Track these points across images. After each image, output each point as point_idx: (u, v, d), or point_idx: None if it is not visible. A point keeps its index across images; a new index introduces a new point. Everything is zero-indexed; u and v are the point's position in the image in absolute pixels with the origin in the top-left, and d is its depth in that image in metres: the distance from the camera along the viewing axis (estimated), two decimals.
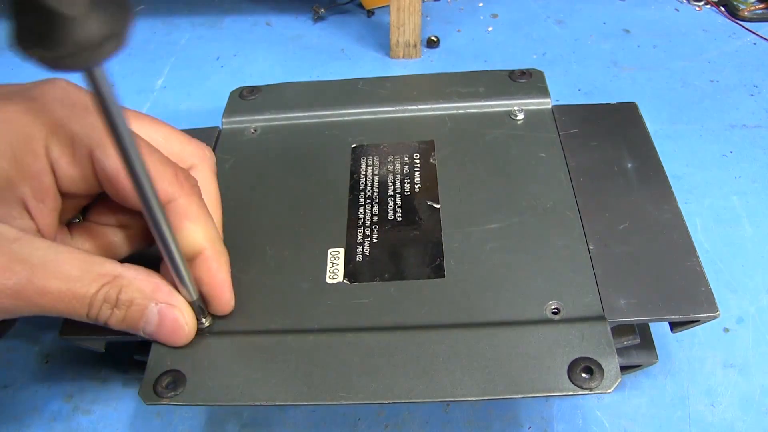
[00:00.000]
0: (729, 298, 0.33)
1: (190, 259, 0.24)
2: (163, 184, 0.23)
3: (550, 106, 0.34)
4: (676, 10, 0.55)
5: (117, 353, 0.31)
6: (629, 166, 0.30)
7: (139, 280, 0.23)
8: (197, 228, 0.24)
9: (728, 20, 0.54)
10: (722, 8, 0.55)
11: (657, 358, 0.27)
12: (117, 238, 0.25)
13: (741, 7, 0.53)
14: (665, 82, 0.48)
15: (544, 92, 0.34)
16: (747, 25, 0.53)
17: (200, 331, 0.25)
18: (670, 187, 0.29)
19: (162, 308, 0.23)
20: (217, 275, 0.24)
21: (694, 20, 0.54)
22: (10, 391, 0.29)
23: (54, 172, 0.22)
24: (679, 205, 0.29)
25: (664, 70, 0.49)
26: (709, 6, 0.55)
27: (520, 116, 0.33)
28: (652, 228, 0.27)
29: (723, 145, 0.42)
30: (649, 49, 0.51)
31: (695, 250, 0.26)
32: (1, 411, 0.29)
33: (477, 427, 0.28)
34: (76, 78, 0.16)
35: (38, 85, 0.23)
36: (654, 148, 0.31)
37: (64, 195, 0.23)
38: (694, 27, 0.53)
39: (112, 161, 0.22)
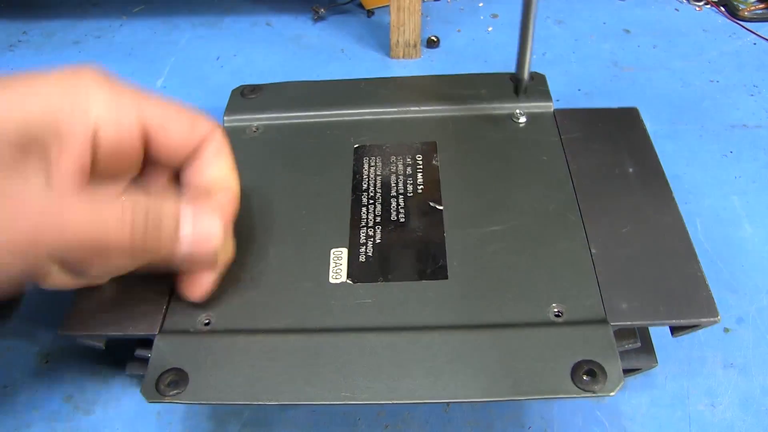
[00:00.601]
0: (729, 298, 0.33)
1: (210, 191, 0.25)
2: (202, 123, 0.25)
3: (552, 110, 0.34)
4: (676, 10, 0.55)
5: (117, 351, 0.31)
6: (630, 170, 0.30)
7: (153, 199, 0.23)
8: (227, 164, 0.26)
9: (728, 20, 0.54)
10: (722, 8, 0.55)
11: (657, 362, 0.27)
12: None
13: (741, 7, 0.53)
14: (665, 82, 0.48)
15: (546, 96, 0.34)
16: (747, 25, 0.53)
17: (202, 330, 0.25)
18: (671, 193, 0.29)
19: (193, 219, 0.23)
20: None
21: (694, 20, 0.54)
22: (10, 391, 0.29)
23: (96, 128, 0.22)
24: (680, 205, 0.29)
25: (664, 70, 0.49)
26: (709, 6, 0.55)
27: (522, 119, 0.33)
28: (654, 233, 0.27)
29: (723, 145, 0.42)
30: (649, 49, 0.51)
31: (696, 255, 0.26)
32: (1, 411, 0.29)
33: (477, 427, 0.28)
34: None
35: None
36: (655, 153, 0.31)
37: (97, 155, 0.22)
38: (694, 27, 0.53)
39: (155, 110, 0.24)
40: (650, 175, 0.30)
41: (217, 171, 0.25)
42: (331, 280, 0.27)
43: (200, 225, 0.23)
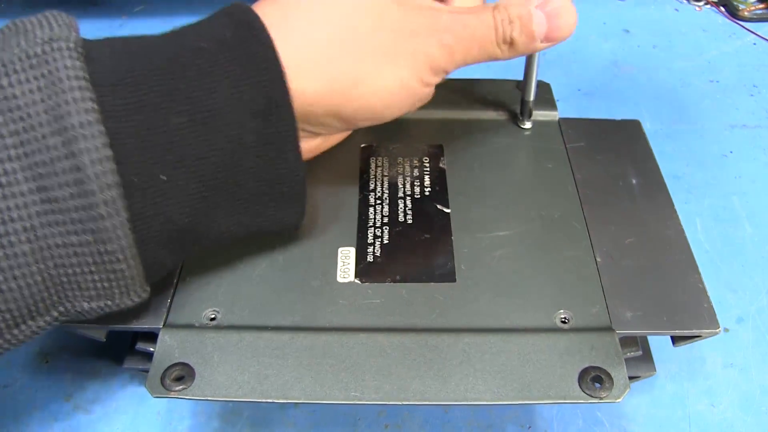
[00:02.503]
0: (729, 298, 0.33)
1: None
2: None
3: (557, 119, 0.34)
4: (676, 10, 0.55)
5: (115, 345, 0.31)
6: (634, 182, 0.31)
7: (512, 9, 0.26)
8: None
9: (728, 20, 0.54)
10: (722, 8, 0.55)
11: (655, 370, 0.28)
12: None
13: (741, 7, 0.53)
14: (665, 82, 0.48)
15: (551, 104, 0.34)
16: (747, 25, 0.53)
17: (208, 325, 0.25)
18: (673, 206, 0.29)
19: (545, 4, 0.27)
20: None
21: (694, 20, 0.54)
22: (10, 391, 0.29)
23: None
24: (680, 205, 0.29)
25: (664, 70, 0.49)
26: (709, 6, 0.55)
27: (528, 126, 0.33)
28: (657, 244, 0.28)
29: (723, 145, 0.42)
30: (649, 49, 0.51)
31: (697, 267, 0.27)
32: (1, 411, 0.29)
33: (477, 427, 0.28)
34: None
35: None
36: (657, 165, 0.32)
37: None
38: (694, 27, 0.53)
39: None
40: (653, 188, 0.30)
41: None
42: (339, 279, 0.27)
43: (555, 22, 0.27)
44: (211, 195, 0.23)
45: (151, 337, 0.25)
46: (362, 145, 0.33)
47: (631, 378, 0.28)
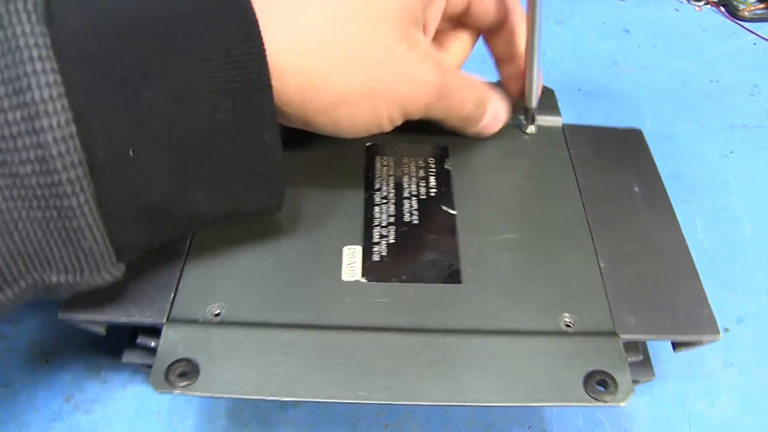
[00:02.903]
0: (729, 298, 0.33)
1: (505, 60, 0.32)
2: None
3: (560, 124, 0.34)
4: (676, 10, 0.55)
5: (117, 347, 0.31)
6: (636, 190, 0.31)
7: (483, 84, 0.30)
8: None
9: (728, 20, 0.54)
10: (722, 8, 0.55)
11: (654, 375, 0.28)
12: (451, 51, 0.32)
13: (741, 7, 0.54)
14: (665, 82, 0.48)
15: (555, 110, 0.35)
16: (747, 25, 0.53)
17: (212, 321, 0.25)
18: (674, 215, 0.30)
19: (495, 103, 0.31)
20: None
21: (694, 20, 0.54)
22: (10, 391, 0.29)
23: None
24: (680, 205, 0.30)
25: (664, 70, 0.49)
26: (709, 6, 0.55)
27: (532, 130, 0.34)
28: (659, 252, 0.28)
29: (723, 145, 0.42)
30: (649, 49, 0.51)
31: (698, 275, 0.27)
32: (1, 411, 0.29)
33: (477, 427, 0.28)
34: None
35: None
36: (659, 174, 0.32)
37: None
38: (694, 27, 0.53)
39: None
40: (655, 197, 0.31)
41: (520, 41, 0.31)
42: (345, 278, 0.26)
43: (495, 112, 0.31)
44: (183, 173, 0.22)
45: (153, 331, 0.25)
46: (367, 144, 0.33)
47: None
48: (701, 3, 0.56)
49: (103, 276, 0.21)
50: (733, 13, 0.54)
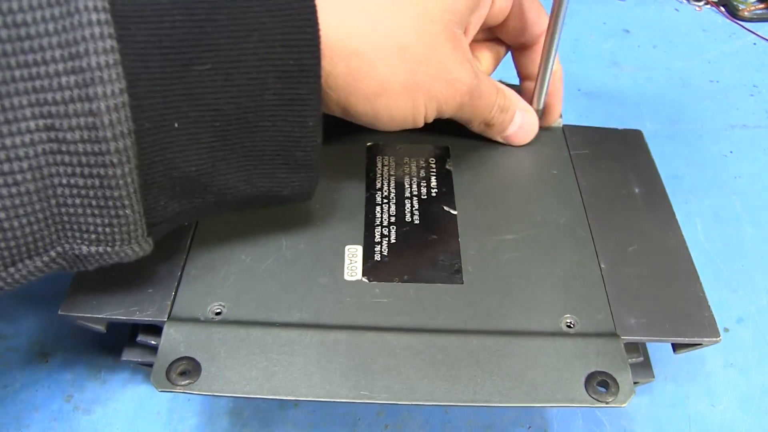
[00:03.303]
0: (729, 298, 0.33)
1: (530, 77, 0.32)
2: (545, 15, 0.31)
3: (561, 125, 0.34)
4: (676, 10, 0.55)
5: (117, 347, 0.31)
6: (636, 191, 0.31)
7: (510, 92, 0.31)
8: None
9: (728, 20, 0.54)
10: (722, 8, 0.55)
11: (653, 376, 0.28)
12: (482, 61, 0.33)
13: (741, 7, 0.54)
14: (665, 82, 0.48)
15: None
16: (747, 25, 0.53)
17: (213, 319, 0.25)
18: (674, 216, 0.30)
19: (524, 114, 0.32)
20: (560, 89, 0.33)
21: (694, 20, 0.54)
22: (10, 391, 0.29)
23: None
24: (680, 205, 0.30)
25: (664, 70, 0.49)
26: (709, 6, 0.55)
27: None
28: (659, 253, 0.28)
29: (723, 145, 0.42)
30: (649, 49, 0.51)
31: (698, 277, 0.27)
32: (1, 411, 0.29)
33: (477, 427, 0.28)
34: None
35: None
36: (659, 175, 0.32)
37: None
38: (694, 27, 0.53)
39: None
40: (655, 198, 0.31)
41: (536, 60, 0.31)
42: (346, 277, 0.26)
43: (524, 121, 0.32)
44: (222, 147, 0.22)
45: (154, 329, 0.25)
46: (368, 144, 0.33)
47: None
48: (701, 3, 0.56)
49: (133, 248, 0.21)
50: (733, 13, 0.54)
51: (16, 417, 0.29)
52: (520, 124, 0.32)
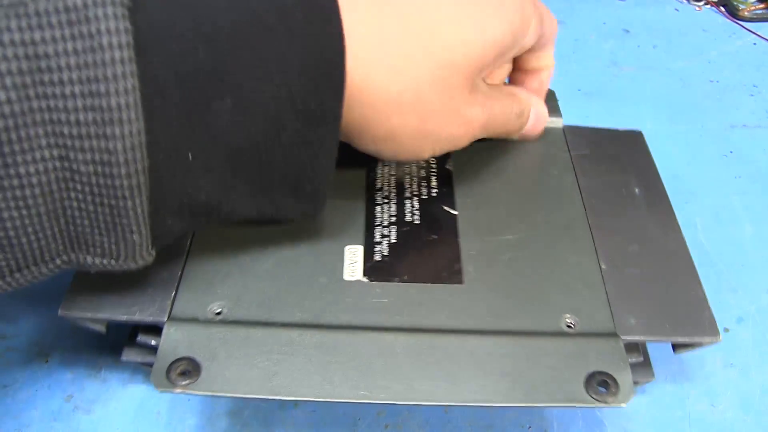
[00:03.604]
0: (729, 298, 0.33)
1: (536, 71, 0.32)
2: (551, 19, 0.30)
3: (561, 125, 0.34)
4: (676, 10, 0.55)
5: (117, 346, 0.31)
6: (637, 191, 0.31)
7: (521, 92, 0.30)
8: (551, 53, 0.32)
9: (728, 20, 0.54)
10: (722, 8, 0.55)
11: (654, 376, 0.28)
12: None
13: (741, 7, 0.54)
14: (665, 82, 0.48)
15: (556, 111, 0.35)
16: (747, 25, 0.53)
17: (213, 319, 0.25)
18: (675, 216, 0.30)
19: (536, 108, 0.31)
20: (548, 84, 0.33)
21: (694, 20, 0.54)
22: (10, 391, 0.29)
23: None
24: (680, 205, 0.30)
25: (664, 70, 0.49)
26: (709, 6, 0.55)
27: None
28: (659, 254, 0.28)
29: (723, 145, 0.42)
30: (649, 49, 0.51)
31: (699, 277, 0.27)
32: (1, 411, 0.29)
33: (477, 427, 0.28)
34: None
35: None
36: (659, 176, 0.32)
37: None
38: (694, 27, 0.53)
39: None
40: (655, 198, 0.31)
41: (549, 58, 0.32)
42: (346, 277, 0.26)
43: (537, 114, 0.31)
44: (233, 179, 0.22)
45: (154, 330, 0.25)
46: None
47: None
48: (701, 3, 0.56)
49: (137, 261, 0.22)
50: (733, 13, 0.54)
51: (16, 417, 0.29)
52: (535, 118, 0.31)
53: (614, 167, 0.32)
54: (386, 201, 0.30)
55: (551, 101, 0.35)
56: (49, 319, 0.32)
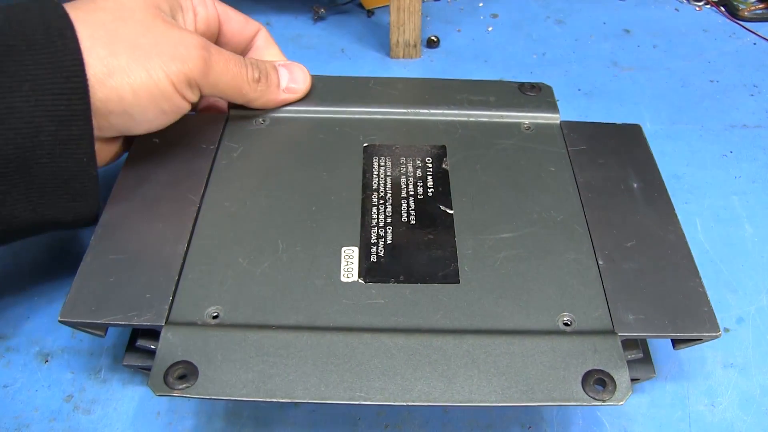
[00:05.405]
0: (729, 298, 0.33)
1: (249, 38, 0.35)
2: (252, 21, 0.35)
3: (558, 121, 0.34)
4: (676, 10, 0.55)
5: (117, 346, 0.31)
6: (635, 186, 0.31)
7: (257, 61, 0.33)
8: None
9: (728, 20, 0.54)
10: (722, 8, 0.55)
11: (654, 373, 0.28)
12: None
13: (741, 7, 0.54)
14: (665, 82, 0.48)
15: (552, 107, 0.34)
16: (747, 25, 0.53)
17: (210, 323, 0.25)
18: (674, 209, 0.30)
19: (286, 64, 0.34)
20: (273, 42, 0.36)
21: (694, 20, 0.54)
22: (10, 391, 0.29)
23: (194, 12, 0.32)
24: (680, 205, 0.29)
25: (664, 70, 0.49)
26: (709, 6, 0.55)
27: (530, 128, 0.34)
28: (658, 248, 0.28)
29: (723, 145, 0.42)
30: (649, 49, 0.51)
31: (698, 271, 0.27)
32: (1, 411, 0.29)
33: (477, 427, 0.28)
34: None
35: None
36: (658, 169, 0.32)
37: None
38: (694, 27, 0.53)
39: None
40: (654, 192, 0.30)
41: (271, 53, 0.35)
42: (343, 279, 0.26)
43: (294, 75, 0.34)
44: (4, 184, 0.25)
45: (152, 334, 0.25)
46: (365, 145, 0.33)
47: (631, 380, 0.28)
48: (701, 3, 0.56)
49: None
50: (733, 13, 0.54)
51: (16, 417, 0.29)
52: (289, 77, 0.34)
53: (612, 161, 0.32)
54: (382, 202, 0.30)
55: (547, 97, 0.35)
56: (49, 320, 0.32)
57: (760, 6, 0.53)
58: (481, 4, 0.56)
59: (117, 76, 0.26)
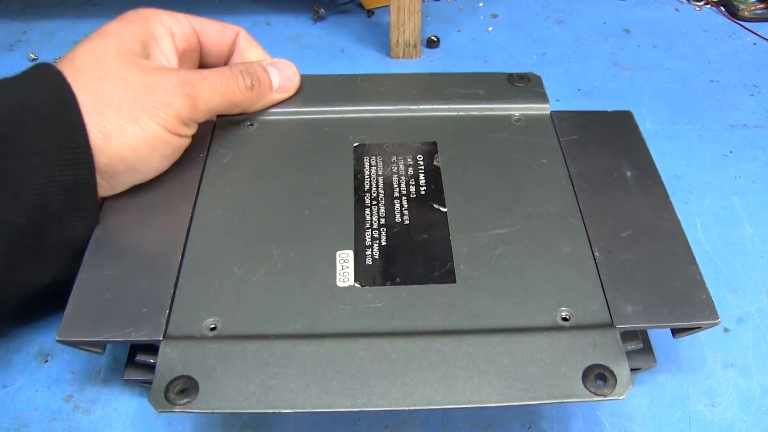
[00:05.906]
0: (729, 298, 0.33)
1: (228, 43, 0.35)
2: (229, 25, 0.35)
3: (548, 112, 0.34)
4: (676, 10, 0.55)
5: (117, 346, 0.31)
6: (628, 174, 0.30)
7: (246, 65, 0.33)
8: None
9: (728, 20, 0.54)
10: (722, 8, 0.55)
11: (655, 362, 0.27)
12: None
13: (741, 7, 0.54)
14: (665, 82, 0.48)
15: (542, 97, 0.34)
16: (747, 25, 0.53)
17: (208, 335, 0.24)
18: (668, 196, 0.29)
19: (273, 63, 0.34)
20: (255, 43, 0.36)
21: (694, 20, 0.54)
22: (10, 391, 0.29)
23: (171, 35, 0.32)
24: (680, 205, 0.29)
25: (664, 70, 0.49)
26: (709, 6, 0.55)
27: (520, 120, 0.33)
28: (653, 236, 0.28)
29: (723, 145, 0.42)
30: (649, 49, 0.51)
31: (695, 259, 0.27)
32: (1, 411, 0.29)
33: (477, 426, 0.28)
34: None
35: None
36: (650, 156, 0.31)
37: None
38: (694, 27, 0.53)
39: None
40: (648, 180, 0.30)
41: (254, 53, 0.35)
42: (339, 284, 0.26)
43: (284, 73, 0.34)
44: (15, 252, 0.26)
45: (151, 348, 0.25)
46: (355, 145, 0.32)
47: (632, 370, 0.28)
48: (701, 3, 0.56)
49: None
50: (733, 13, 0.54)
51: (16, 417, 0.29)
52: (281, 76, 0.34)
53: (604, 150, 0.32)
54: (375, 203, 0.30)
55: (536, 86, 0.35)
56: (49, 320, 0.32)
57: (760, 6, 0.53)
58: (481, 4, 0.56)
59: (113, 138, 0.27)
